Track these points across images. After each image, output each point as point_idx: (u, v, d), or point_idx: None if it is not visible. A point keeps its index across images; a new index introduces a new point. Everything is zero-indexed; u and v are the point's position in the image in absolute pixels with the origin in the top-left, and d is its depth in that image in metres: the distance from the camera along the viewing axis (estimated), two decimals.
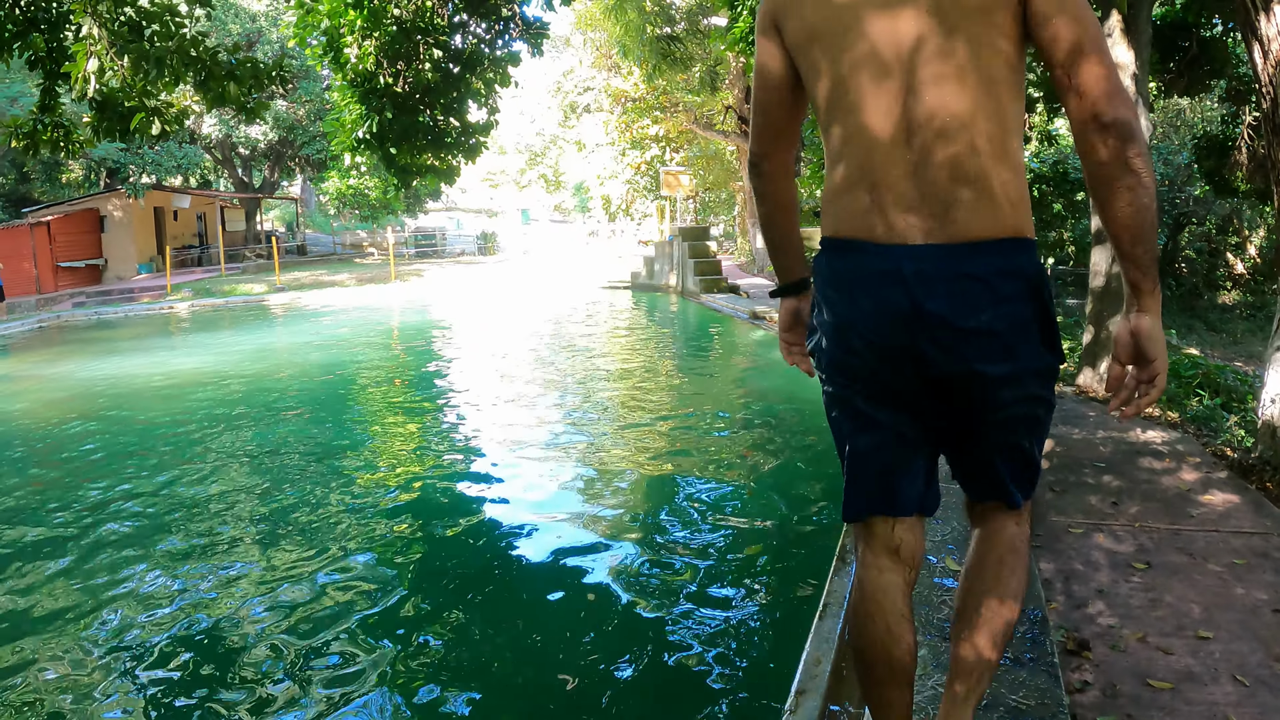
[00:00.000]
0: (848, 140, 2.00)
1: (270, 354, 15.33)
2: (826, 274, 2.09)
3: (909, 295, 1.92)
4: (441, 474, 8.04)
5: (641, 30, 21.93)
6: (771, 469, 7.85)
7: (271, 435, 9.48)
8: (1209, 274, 22.13)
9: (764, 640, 4.70)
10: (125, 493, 7.52)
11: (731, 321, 16.63)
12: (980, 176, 1.89)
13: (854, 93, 1.97)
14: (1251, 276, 22.20)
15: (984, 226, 1.90)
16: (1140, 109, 8.49)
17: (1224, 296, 22.18)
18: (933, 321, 1.92)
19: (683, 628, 4.79)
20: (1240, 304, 21.66)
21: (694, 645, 4.58)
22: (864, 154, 1.97)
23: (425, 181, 9.97)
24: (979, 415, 2.04)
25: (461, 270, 31.34)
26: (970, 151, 1.89)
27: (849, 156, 2.00)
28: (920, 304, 1.91)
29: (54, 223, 31.86)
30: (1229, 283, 22.57)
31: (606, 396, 10.99)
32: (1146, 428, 7.16)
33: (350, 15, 8.14)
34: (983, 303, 1.92)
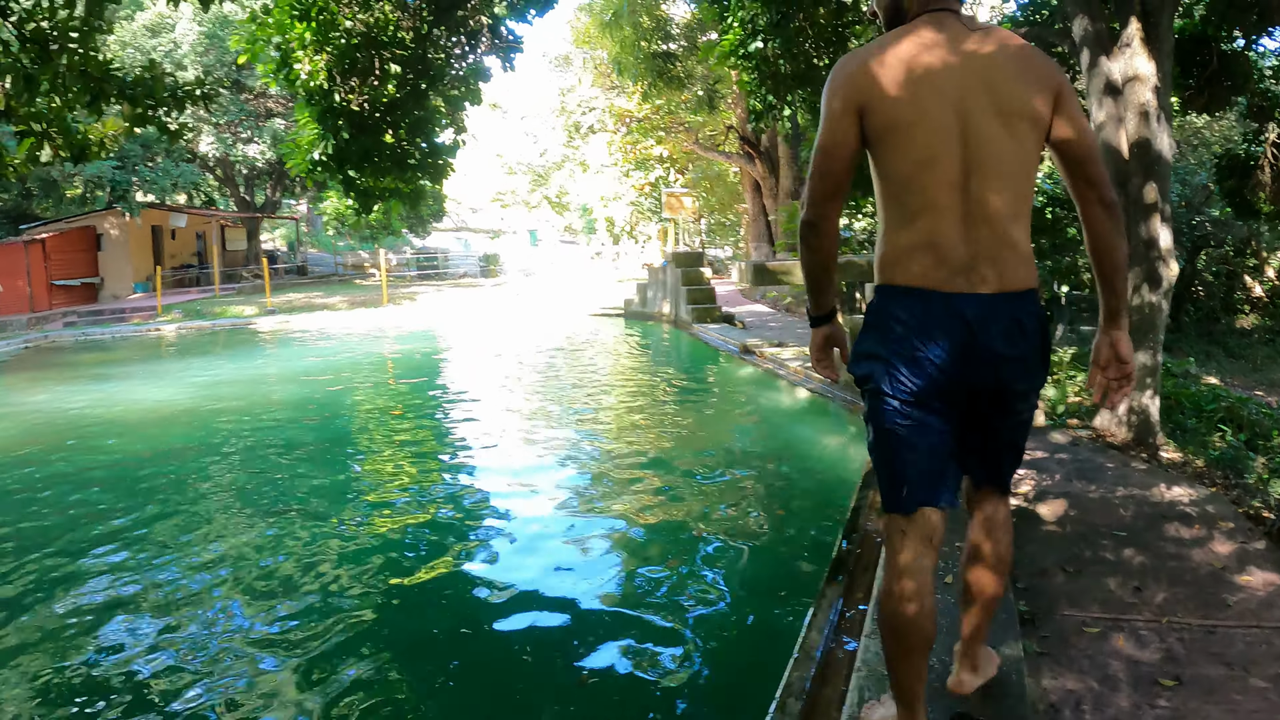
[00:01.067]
0: (917, 213, 2.60)
1: (238, 387, 14.49)
2: (898, 315, 2.64)
3: (969, 332, 2.56)
4: (404, 522, 7.54)
5: (637, 47, 21.32)
6: (749, 523, 7.30)
7: (223, 480, 8.88)
8: (1227, 297, 21.49)
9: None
10: (70, 539, 7.19)
11: (722, 358, 15.58)
12: (1015, 243, 2.59)
13: (925, 177, 2.57)
14: (1270, 300, 21.60)
15: (1017, 280, 2.60)
16: (1163, 124, 7.78)
17: (1242, 320, 21.56)
18: (986, 352, 2.58)
19: (664, 671, 4.86)
20: (1259, 328, 21.03)
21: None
22: (931, 224, 2.58)
23: (389, 205, 9.23)
24: (1001, 419, 2.81)
25: (457, 295, 30.51)
26: (1009, 225, 2.57)
27: (918, 225, 2.60)
28: (977, 338, 2.57)
29: (49, 240, 31.38)
30: (1247, 306, 21.92)
31: (577, 444, 10.06)
32: (1171, 483, 6.44)
33: (299, 28, 7.50)
34: (1018, 337, 2.61)
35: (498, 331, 22.79)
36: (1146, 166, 7.75)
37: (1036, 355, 2.68)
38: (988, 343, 2.56)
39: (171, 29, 32.47)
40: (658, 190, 33.87)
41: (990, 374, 2.62)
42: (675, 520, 7.26)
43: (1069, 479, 6.53)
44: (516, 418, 11.55)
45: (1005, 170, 2.56)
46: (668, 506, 7.67)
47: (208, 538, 7.19)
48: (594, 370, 15.45)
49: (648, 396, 12.62)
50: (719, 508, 7.58)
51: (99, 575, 6.40)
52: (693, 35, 22.72)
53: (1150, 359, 7.84)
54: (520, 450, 9.78)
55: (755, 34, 10.24)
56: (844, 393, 10.32)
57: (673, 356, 17.08)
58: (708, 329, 17.93)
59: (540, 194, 50.73)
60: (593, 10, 23.19)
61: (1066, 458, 7.15)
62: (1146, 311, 7.83)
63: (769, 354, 13.52)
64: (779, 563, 6.50)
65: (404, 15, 8.35)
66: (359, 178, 8.50)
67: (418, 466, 9.17)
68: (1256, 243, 21.21)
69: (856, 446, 8.79)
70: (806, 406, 11.04)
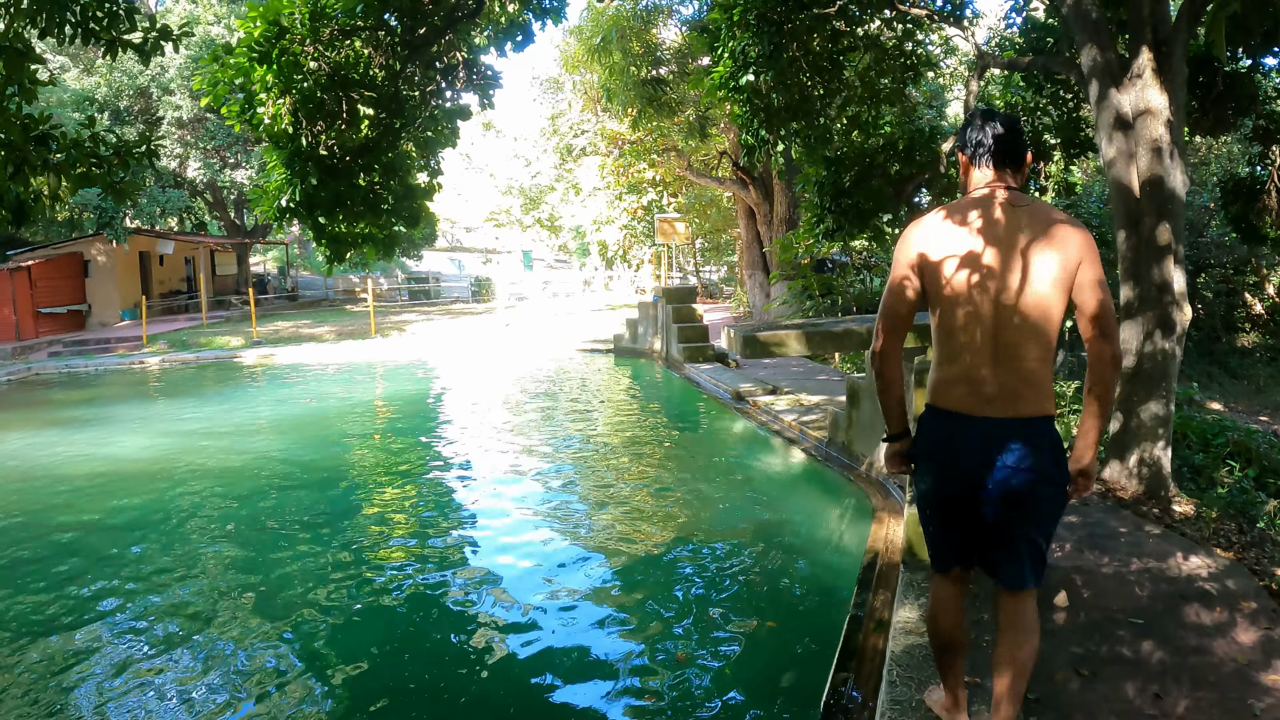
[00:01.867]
0: (958, 352, 3.36)
1: (215, 439, 13.68)
2: (936, 428, 3.47)
3: (987, 446, 3.31)
4: (369, 586, 7.09)
5: (626, 73, 20.92)
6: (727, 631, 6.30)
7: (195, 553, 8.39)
8: (1227, 315, 21.12)
9: None
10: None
11: (713, 407, 14.57)
12: (1035, 382, 3.31)
13: (965, 327, 3.33)
14: (1271, 317, 21.21)
15: (1032, 409, 3.30)
16: (1176, 161, 7.37)
17: (1243, 339, 21.16)
18: (998, 461, 3.29)
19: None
20: (1260, 346, 20.65)
21: None
22: (968, 362, 3.33)
23: (363, 251, 8.78)
24: (1021, 522, 3.36)
25: (446, 324, 29.84)
26: (1031, 367, 3.30)
27: (957, 362, 3.36)
28: (992, 452, 3.30)
29: (35, 267, 30.94)
30: (1247, 324, 21.52)
31: (550, 515, 9.15)
32: (1188, 551, 6.04)
33: (259, 70, 7.10)
34: (1031, 452, 3.28)
35: (482, 371, 21.97)
36: (1159, 206, 7.34)
37: (1049, 467, 3.31)
38: (1000, 456, 3.29)
39: (160, 54, 32.05)
40: (650, 214, 33.48)
41: (1005, 478, 3.28)
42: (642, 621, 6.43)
43: (1080, 548, 6.12)
44: (482, 485, 10.63)
45: (1030, 325, 3.29)
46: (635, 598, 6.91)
47: (175, 621, 6.78)
48: (576, 420, 14.49)
49: (629, 455, 11.69)
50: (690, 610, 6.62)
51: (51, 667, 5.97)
52: (684, 61, 22.32)
53: (1162, 408, 7.44)
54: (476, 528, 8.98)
55: (746, 66, 9.85)
56: (840, 455, 9.64)
57: (661, 404, 16.13)
58: (699, 369, 17.22)
59: (533, 216, 50.33)
60: (581, 35, 22.81)
61: (1076, 520, 6.75)
62: (1159, 359, 7.42)
63: (762, 404, 12.75)
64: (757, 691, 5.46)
65: (376, 52, 7.94)
66: (330, 224, 8.07)
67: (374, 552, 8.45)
68: (1256, 260, 20.88)
69: (855, 524, 7.93)
70: (800, 472, 10.12)
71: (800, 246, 16.74)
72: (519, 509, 9.32)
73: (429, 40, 8.06)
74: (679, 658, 5.79)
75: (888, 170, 11.61)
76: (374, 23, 7.74)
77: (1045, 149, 12.30)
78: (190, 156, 33.53)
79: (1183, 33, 7.62)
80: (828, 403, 12.19)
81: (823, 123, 10.85)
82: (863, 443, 9.08)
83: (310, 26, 7.22)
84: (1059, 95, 11.80)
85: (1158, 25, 7.48)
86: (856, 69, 11.58)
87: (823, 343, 6.67)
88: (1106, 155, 7.70)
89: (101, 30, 5.35)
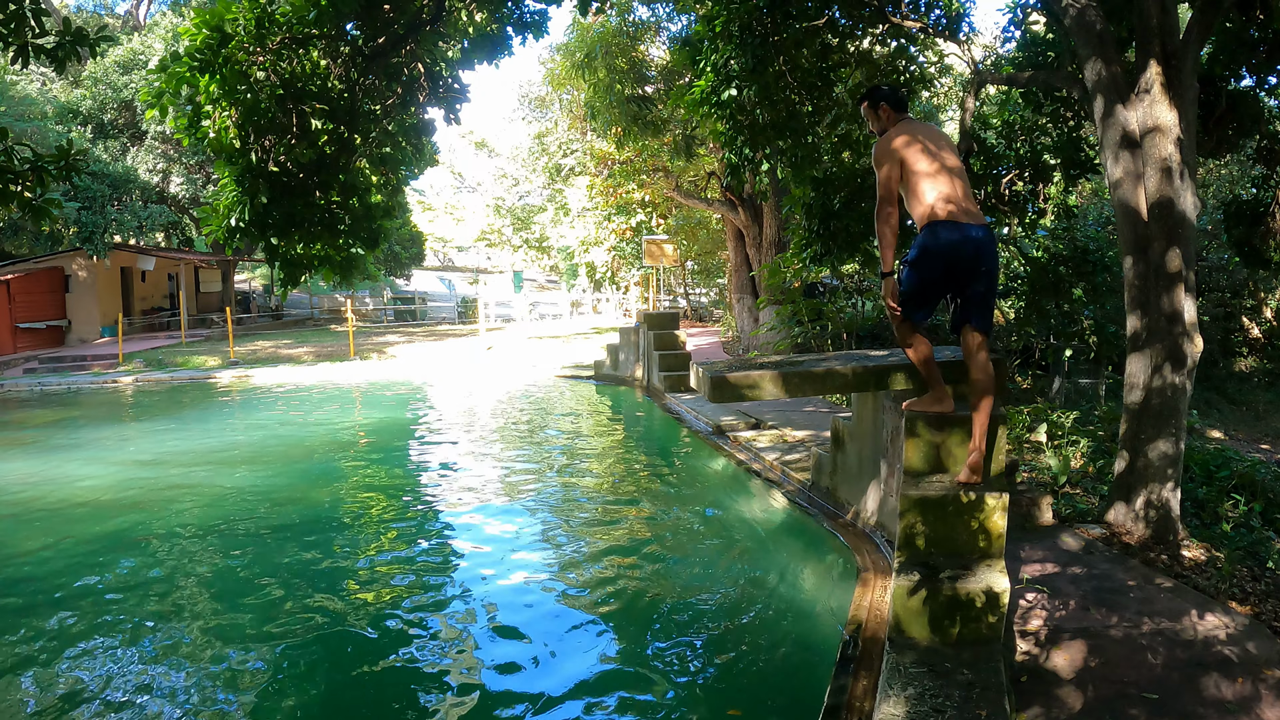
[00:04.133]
0: (937, 187, 5.69)
1: (179, 469, 12.98)
2: (940, 233, 5.65)
3: (974, 242, 5.67)
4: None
5: (611, 90, 20.44)
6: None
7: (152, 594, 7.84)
8: (1225, 340, 20.81)
9: None
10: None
11: (693, 442, 13.53)
12: (975, 202, 5.95)
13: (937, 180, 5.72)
14: (1269, 341, 20.96)
15: (982, 218, 5.82)
16: (1186, 181, 6.90)
17: (1241, 363, 20.90)
18: (983, 252, 5.71)
19: None
20: (1258, 370, 20.48)
21: None
22: (947, 194, 5.66)
23: (321, 275, 8.22)
24: (983, 286, 5.79)
25: (428, 347, 29.06)
26: (969, 194, 5.84)
27: (938, 197, 5.66)
28: (978, 246, 5.68)
29: (14, 281, 30.47)
30: (1245, 348, 21.22)
31: (507, 562, 8.48)
32: (1203, 608, 5.53)
33: (203, 80, 6.60)
34: (991, 243, 5.80)
35: (456, 398, 21.15)
36: (1169, 230, 6.86)
37: (995, 250, 5.86)
38: (985, 248, 5.74)
39: (143, 66, 31.64)
40: (639, 235, 33.01)
41: (984, 262, 5.76)
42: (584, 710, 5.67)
43: (1086, 605, 5.61)
44: (437, 527, 9.93)
45: (961, 174, 5.87)
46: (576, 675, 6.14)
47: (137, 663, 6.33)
48: (546, 459, 13.55)
49: (597, 498, 10.81)
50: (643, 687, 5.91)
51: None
52: (670, 79, 21.83)
53: (1172, 447, 6.95)
54: (426, 575, 8.30)
55: (729, 80, 9.40)
56: (824, 501, 8.86)
57: (637, 439, 15.11)
58: (681, 399, 16.44)
59: (521, 237, 49.88)
60: (567, 51, 22.38)
61: (1081, 572, 6.24)
62: (1168, 394, 6.94)
63: (744, 439, 11.96)
64: None
65: (333, 63, 7.43)
66: (284, 245, 7.54)
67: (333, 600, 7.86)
68: (1254, 283, 20.55)
69: (838, 587, 7.07)
70: (781, 521, 9.20)
71: (789, 270, 16.26)
72: (472, 558, 8.73)
73: (388, 49, 7.56)
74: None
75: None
76: (330, 30, 7.23)
77: (1045, 170, 11.85)
78: (173, 172, 33.05)
79: (1193, 45, 7.17)
80: (813, 439, 11.65)
81: (811, 141, 10.38)
82: (848, 489, 8.44)
83: (255, 34, 6.74)
84: (1059, 113, 11.37)
85: (1167, 37, 7.01)
86: (847, 85, 11.13)
87: (801, 385, 6.17)
88: (1112, 176, 7.23)
89: (9, 35, 4.84)
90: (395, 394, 21.55)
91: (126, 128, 33.63)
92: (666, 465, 12.61)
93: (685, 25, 21.71)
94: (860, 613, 5.99)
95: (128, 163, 32.48)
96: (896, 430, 6.79)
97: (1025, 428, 10.70)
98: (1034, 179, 11.89)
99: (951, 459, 5.72)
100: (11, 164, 4.95)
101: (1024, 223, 12.01)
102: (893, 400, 6.97)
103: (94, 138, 32.79)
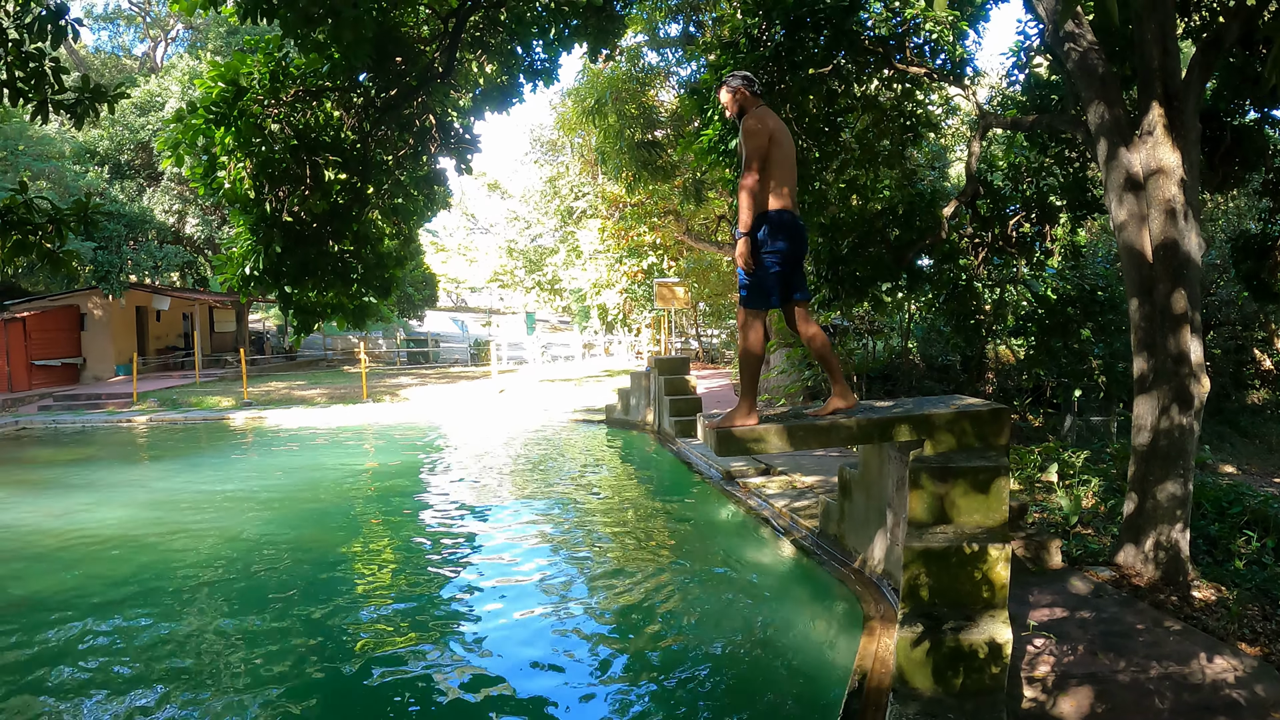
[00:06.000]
0: (789, 182, 6.29)
1: (192, 512, 12.96)
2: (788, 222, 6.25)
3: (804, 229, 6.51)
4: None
5: (621, 136, 20.59)
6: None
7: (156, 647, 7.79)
8: (1236, 373, 20.70)
9: None
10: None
11: (703, 487, 13.48)
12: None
13: (789, 169, 6.32)
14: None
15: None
16: (1190, 222, 6.96)
17: (1253, 396, 20.79)
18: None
19: None
20: (1270, 403, 20.40)
21: None
22: (791, 185, 6.32)
23: (334, 321, 8.31)
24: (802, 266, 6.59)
25: (441, 390, 28.92)
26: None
27: (789, 186, 6.27)
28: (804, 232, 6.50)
29: (30, 319, 30.66)
30: (1257, 380, 21.11)
31: (510, 612, 8.45)
32: (1212, 650, 5.54)
33: (219, 132, 6.73)
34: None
35: (467, 442, 20.90)
36: (1174, 271, 6.91)
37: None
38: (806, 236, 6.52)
39: (160, 108, 32.03)
40: (650, 278, 33.08)
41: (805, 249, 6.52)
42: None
43: (1093, 650, 5.61)
44: (446, 570, 10.00)
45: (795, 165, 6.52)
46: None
47: None
48: (556, 504, 13.47)
49: (606, 546, 10.74)
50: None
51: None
52: (679, 124, 21.96)
53: (1180, 488, 6.96)
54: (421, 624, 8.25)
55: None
56: (832, 549, 8.88)
57: (648, 486, 14.88)
58: (692, 444, 16.32)
59: (534, 279, 50.05)
60: (578, 96, 22.56)
61: (1089, 617, 6.24)
62: (1176, 435, 6.96)
63: (754, 485, 11.94)
64: None
65: (346, 114, 7.55)
66: (297, 293, 7.63)
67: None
68: (1264, 315, 20.49)
69: (844, 636, 7.10)
70: (789, 570, 9.17)
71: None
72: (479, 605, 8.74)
73: (401, 101, 7.68)
74: None
75: (887, 236, 11.20)
76: (343, 83, 7.35)
77: (1051, 211, 11.91)
78: (188, 213, 33.34)
79: (1194, 86, 7.23)
80: (822, 485, 11.64)
81: (819, 187, 10.47)
82: (855, 537, 8.48)
83: (270, 87, 6.87)
84: (1064, 155, 11.45)
85: (1168, 79, 7.08)
86: (854, 131, 11.24)
87: (806, 438, 6.21)
88: (1117, 218, 7.28)
89: (30, 91, 4.95)
90: (407, 437, 21.41)
91: (143, 168, 33.99)
92: (676, 512, 12.47)
93: (694, 71, 21.87)
94: (866, 661, 6.02)
95: (144, 203, 32.79)
96: (901, 480, 6.83)
97: (1036, 467, 10.69)
98: (1040, 220, 11.95)
99: (956, 509, 5.72)
100: (31, 216, 5.05)
101: (1031, 263, 12.05)
102: (898, 450, 7.01)
103: (111, 178, 33.12)
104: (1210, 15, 9.27)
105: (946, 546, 5.33)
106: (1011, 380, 17.51)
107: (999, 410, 6.19)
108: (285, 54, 7.36)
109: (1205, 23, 9.25)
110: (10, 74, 4.87)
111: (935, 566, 5.32)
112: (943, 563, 5.31)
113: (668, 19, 21.25)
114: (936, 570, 5.31)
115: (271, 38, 7.68)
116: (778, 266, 6.19)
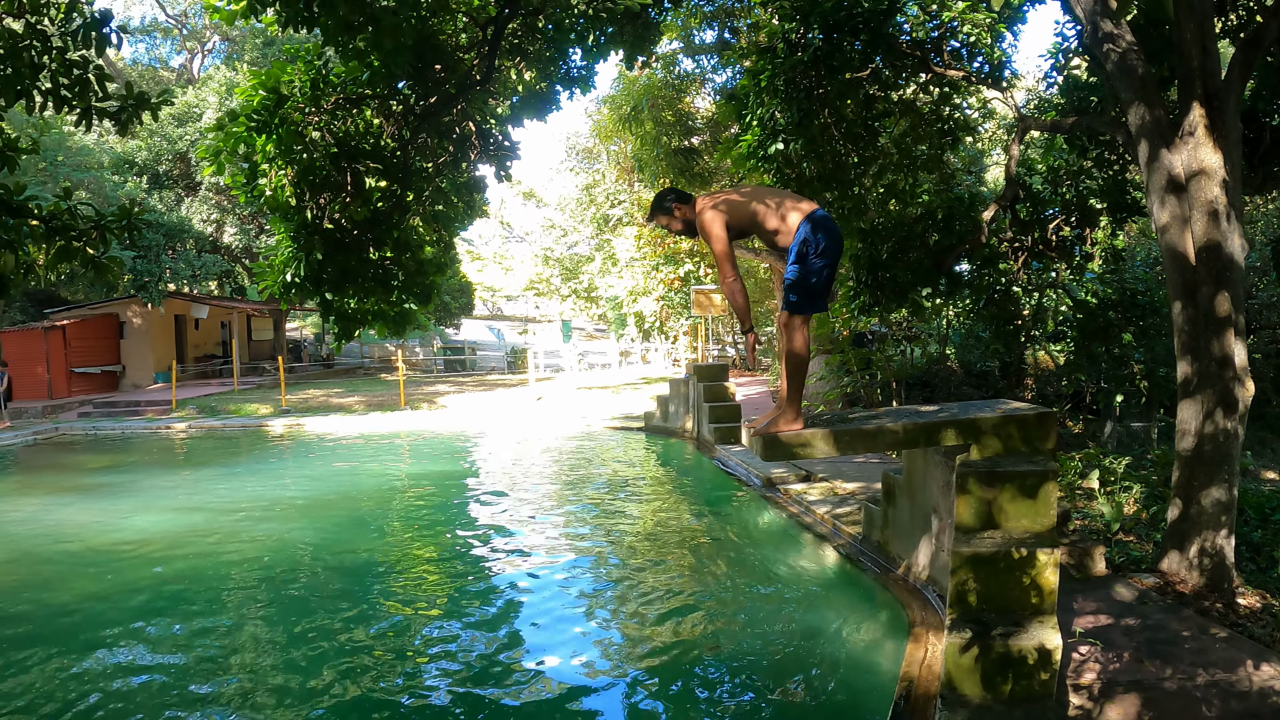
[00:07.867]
0: (786, 198, 6.17)
1: (231, 516, 13.04)
2: (821, 219, 5.97)
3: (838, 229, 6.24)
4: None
5: (658, 143, 20.61)
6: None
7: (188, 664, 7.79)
8: (1277, 377, 20.32)
9: None
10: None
11: (743, 495, 13.36)
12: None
13: (772, 195, 6.20)
14: None
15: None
16: (1234, 224, 6.85)
17: None
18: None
19: None
20: None
21: None
22: (790, 199, 6.16)
23: (373, 329, 8.35)
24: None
25: (479, 397, 28.98)
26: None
27: (789, 200, 6.11)
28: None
29: (70, 327, 31.05)
30: None
31: (560, 618, 8.41)
32: (1259, 658, 5.45)
33: (260, 140, 6.78)
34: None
35: (507, 449, 20.86)
36: (1217, 273, 6.81)
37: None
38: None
39: (197, 119, 32.38)
40: (688, 285, 33.05)
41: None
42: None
43: (1139, 658, 5.54)
44: (491, 577, 9.93)
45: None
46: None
47: None
48: (597, 509, 13.40)
49: (648, 553, 10.63)
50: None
51: None
52: (716, 130, 21.94)
53: (1225, 493, 6.87)
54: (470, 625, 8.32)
55: (775, 134, 9.48)
56: (876, 555, 8.79)
57: (688, 493, 14.76)
58: (731, 451, 16.28)
59: (570, 287, 50.12)
60: (614, 104, 22.60)
61: (1134, 624, 6.16)
62: (1220, 440, 6.87)
63: (794, 492, 11.85)
64: None
65: (386, 121, 7.60)
66: (338, 300, 7.68)
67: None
68: None
69: (889, 643, 6.99)
70: (832, 575, 9.10)
71: (837, 320, 16.21)
72: (524, 606, 8.79)
73: (440, 109, 7.72)
74: None
75: (926, 241, 11.13)
76: (383, 90, 7.40)
77: (1091, 214, 11.80)
78: (226, 222, 33.67)
79: (1235, 85, 7.13)
80: (863, 490, 11.54)
81: (857, 192, 10.43)
82: (899, 543, 8.38)
83: (310, 95, 6.93)
84: (1104, 157, 11.34)
85: (1208, 79, 6.98)
86: (892, 135, 11.19)
87: (852, 443, 6.16)
88: (1159, 220, 7.19)
89: (74, 98, 5.02)
90: (445, 444, 21.46)
91: (181, 178, 34.37)
92: (716, 519, 12.39)
93: (730, 77, 21.84)
94: (912, 669, 5.95)
95: (182, 213, 33.17)
96: (947, 485, 6.77)
97: (1077, 474, 10.57)
98: (1080, 223, 11.84)
99: (1003, 515, 5.66)
100: (75, 222, 5.10)
101: (1072, 266, 11.94)
102: (943, 455, 6.94)
103: (149, 188, 33.51)
104: (1248, 14, 9.16)
105: (995, 552, 5.28)
106: (1051, 386, 17.32)
107: (1046, 414, 6.13)
108: (325, 62, 7.42)
109: (1243, 22, 9.13)
110: (55, 82, 4.94)
111: (983, 572, 5.27)
112: (991, 568, 5.26)
113: (703, 25, 21.19)
114: (984, 576, 5.27)
115: (311, 45, 7.80)
116: (827, 270, 5.92)
